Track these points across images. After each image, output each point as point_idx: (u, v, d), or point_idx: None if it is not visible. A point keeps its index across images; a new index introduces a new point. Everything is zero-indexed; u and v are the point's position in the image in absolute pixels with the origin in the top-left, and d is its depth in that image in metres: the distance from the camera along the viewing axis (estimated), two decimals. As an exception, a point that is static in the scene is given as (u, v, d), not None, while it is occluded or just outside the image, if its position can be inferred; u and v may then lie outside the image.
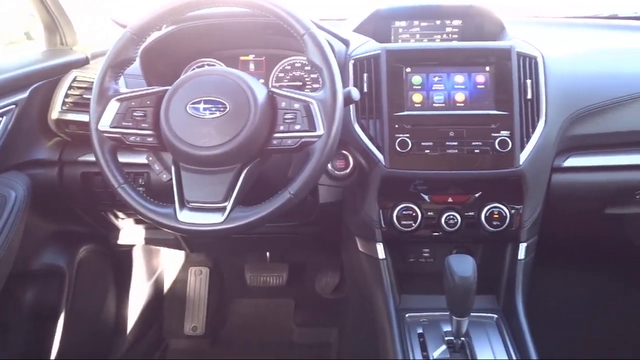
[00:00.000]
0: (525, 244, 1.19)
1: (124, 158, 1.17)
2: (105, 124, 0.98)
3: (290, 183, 0.94)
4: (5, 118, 1.19)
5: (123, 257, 1.86)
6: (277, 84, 1.37)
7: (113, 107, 0.99)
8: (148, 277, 2.00)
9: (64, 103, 1.27)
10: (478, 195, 1.17)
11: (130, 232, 1.61)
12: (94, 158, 1.00)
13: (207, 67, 1.36)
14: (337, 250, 1.60)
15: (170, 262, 2.13)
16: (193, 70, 1.05)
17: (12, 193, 1.19)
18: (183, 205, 0.96)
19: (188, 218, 0.95)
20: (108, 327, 1.80)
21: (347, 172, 1.18)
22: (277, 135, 0.96)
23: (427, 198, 1.17)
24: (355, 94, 1.02)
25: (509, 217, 1.15)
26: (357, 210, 1.22)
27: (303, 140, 0.94)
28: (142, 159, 1.22)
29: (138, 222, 1.53)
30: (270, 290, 2.09)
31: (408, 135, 1.12)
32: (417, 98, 1.15)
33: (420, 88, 1.15)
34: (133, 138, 0.98)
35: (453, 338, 1.08)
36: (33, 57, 1.35)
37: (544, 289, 1.55)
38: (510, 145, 1.10)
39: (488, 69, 1.15)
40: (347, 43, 1.24)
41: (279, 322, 2.08)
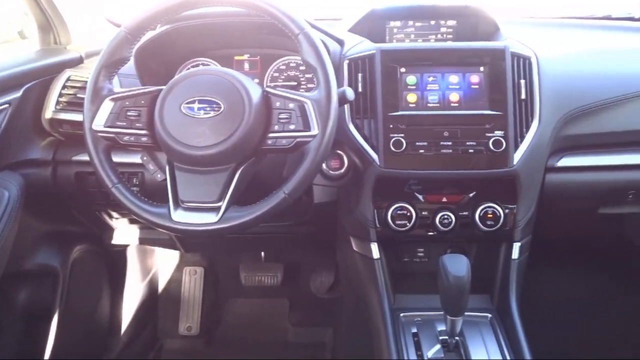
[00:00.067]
0: (519, 244, 1.19)
1: (118, 158, 1.17)
2: (99, 124, 0.98)
3: (285, 183, 0.94)
4: (-1, 117, 1.19)
5: (117, 257, 1.85)
6: (271, 84, 1.36)
7: (107, 106, 0.98)
8: (142, 277, 1.99)
9: (58, 102, 1.26)
10: (472, 195, 1.17)
11: (125, 232, 1.61)
12: (88, 158, 0.99)
13: (201, 66, 1.36)
14: (331, 250, 1.60)
15: (165, 262, 2.13)
16: (187, 70, 1.05)
17: (5, 193, 1.19)
18: (177, 205, 0.95)
19: (182, 218, 0.95)
20: (102, 327, 1.80)
21: (341, 172, 1.18)
22: (271, 135, 0.96)
23: (421, 198, 1.18)
24: (350, 94, 1.02)
25: (503, 216, 1.16)
26: (351, 210, 1.22)
27: (298, 140, 0.94)
28: (136, 159, 1.22)
29: (132, 222, 1.53)
30: (265, 290, 2.09)
31: (402, 135, 1.12)
32: (411, 98, 1.15)
33: (415, 88, 1.16)
34: (127, 138, 0.98)
35: (447, 337, 1.09)
36: (27, 56, 1.34)
37: (538, 289, 1.55)
38: (504, 145, 1.11)
39: (482, 69, 1.15)
40: (341, 43, 1.24)
41: (274, 321, 2.08)
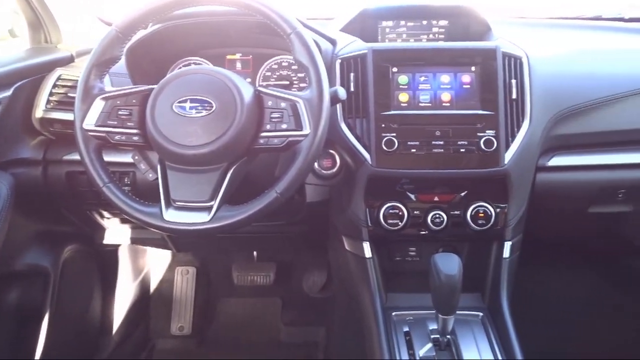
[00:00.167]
0: (510, 243, 1.20)
1: (110, 157, 1.16)
2: (90, 123, 0.98)
3: (277, 182, 0.94)
4: (-11, 116, 1.18)
5: (109, 257, 1.84)
6: (264, 83, 1.36)
7: (98, 105, 0.98)
8: (134, 277, 1.98)
9: (49, 101, 1.26)
10: (464, 195, 1.18)
11: (116, 231, 1.60)
12: (79, 157, 0.99)
13: (193, 65, 1.35)
14: (324, 249, 1.60)
15: (157, 261, 2.12)
16: (179, 69, 1.05)
17: (-5, 192, 1.18)
18: (169, 205, 0.95)
19: (174, 217, 0.95)
20: (94, 327, 1.79)
21: (333, 171, 1.19)
22: (263, 135, 0.95)
23: (413, 197, 1.18)
24: (342, 94, 1.02)
25: (494, 216, 1.16)
26: (343, 209, 1.22)
27: (290, 140, 0.94)
28: (127, 158, 1.21)
29: (124, 221, 1.52)
30: (258, 290, 2.09)
31: (394, 135, 1.13)
32: (403, 97, 1.16)
33: (407, 87, 1.16)
34: (118, 137, 0.97)
35: (439, 336, 1.09)
36: (17, 55, 1.33)
37: (530, 288, 1.56)
38: (496, 145, 1.11)
39: (474, 69, 1.16)
40: (334, 42, 1.24)
41: (267, 321, 2.08)
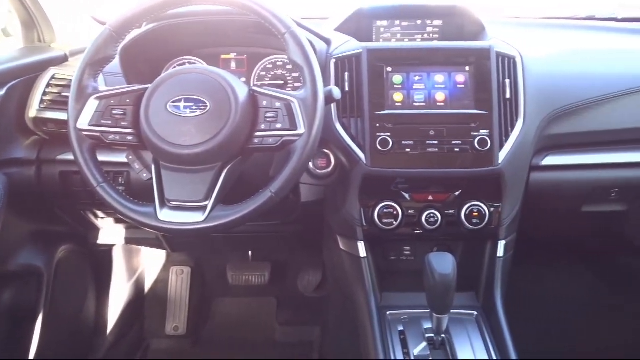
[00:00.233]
0: (504, 242, 1.20)
1: (104, 157, 1.16)
2: (84, 123, 0.97)
3: (272, 182, 0.94)
4: (-18, 116, 1.17)
5: (103, 257, 1.84)
6: (258, 83, 1.36)
7: (92, 105, 0.98)
8: (129, 277, 1.98)
9: (42, 101, 1.25)
10: (458, 194, 1.18)
11: (110, 231, 1.60)
12: (73, 157, 0.99)
13: (187, 65, 1.35)
14: (319, 249, 1.60)
15: (151, 261, 2.12)
16: (174, 69, 1.04)
17: (-12, 192, 1.17)
18: (163, 204, 0.95)
19: (169, 217, 0.94)
20: (88, 327, 1.78)
21: (328, 170, 1.19)
22: (258, 134, 0.95)
23: (407, 196, 1.18)
24: (337, 93, 1.02)
25: (488, 215, 1.17)
26: (338, 209, 1.23)
27: (284, 139, 0.94)
28: (121, 158, 1.21)
29: (118, 221, 1.52)
30: (253, 289, 2.09)
31: (389, 134, 1.13)
32: (397, 97, 1.16)
33: (401, 87, 1.16)
34: (112, 137, 0.97)
35: (433, 335, 1.09)
36: (10, 54, 1.32)
37: (524, 286, 1.57)
38: (490, 144, 1.12)
39: (468, 69, 1.16)
40: (328, 42, 1.24)
41: (262, 321, 2.08)
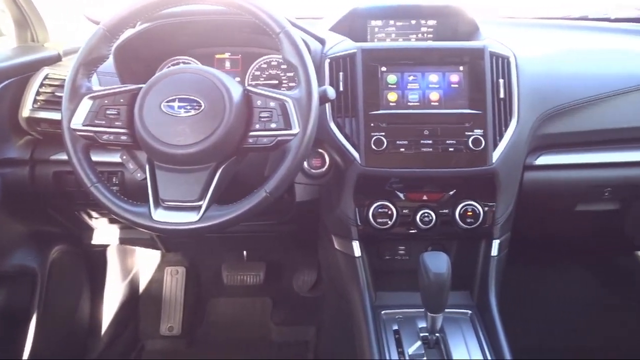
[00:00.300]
0: (498, 241, 1.21)
1: (98, 157, 1.15)
2: (78, 122, 0.97)
3: (266, 181, 0.94)
4: (-26, 116, 1.17)
5: (97, 257, 1.83)
6: (253, 83, 1.36)
7: (86, 105, 0.97)
8: (123, 277, 1.97)
9: (35, 101, 1.24)
10: (452, 193, 1.18)
11: (105, 231, 1.59)
12: (67, 157, 0.98)
13: (182, 64, 1.35)
14: (314, 249, 1.60)
15: (146, 262, 2.11)
16: (168, 68, 1.04)
17: (-19, 193, 1.17)
18: (158, 204, 0.95)
19: (163, 217, 0.94)
20: (82, 328, 1.78)
21: (323, 170, 1.19)
22: (252, 134, 0.96)
23: (402, 196, 1.19)
24: (331, 93, 1.03)
25: (483, 214, 1.17)
26: (333, 208, 1.23)
27: (279, 139, 0.94)
28: (115, 158, 1.21)
29: (112, 221, 1.51)
30: (248, 289, 2.09)
31: (383, 134, 1.13)
32: (392, 97, 1.16)
33: (396, 87, 1.16)
34: (106, 136, 0.97)
35: (428, 334, 1.10)
36: (3, 53, 1.32)
37: (519, 286, 1.58)
38: (484, 144, 1.12)
39: (462, 69, 1.16)
40: (323, 42, 1.24)
41: (257, 320, 2.07)
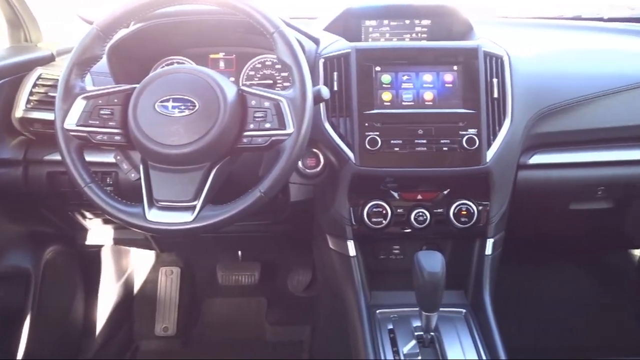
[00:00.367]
0: (493, 240, 1.21)
1: (91, 157, 1.15)
2: (72, 123, 0.97)
3: (261, 181, 0.94)
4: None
5: (91, 257, 1.82)
6: (247, 82, 1.36)
7: (79, 105, 0.97)
8: (117, 277, 1.97)
9: (29, 101, 1.24)
10: (446, 193, 1.19)
11: (99, 232, 1.59)
12: (60, 157, 0.98)
13: (176, 65, 1.35)
14: (308, 248, 1.60)
15: (140, 262, 2.11)
16: (162, 68, 1.04)
17: (-26, 193, 1.16)
18: (152, 205, 0.95)
19: (157, 217, 0.94)
20: (76, 329, 1.77)
21: (317, 170, 1.19)
22: (247, 134, 0.95)
23: (396, 195, 1.19)
24: (325, 93, 1.03)
25: (477, 213, 1.18)
26: (327, 208, 1.23)
27: (273, 139, 0.94)
28: (109, 158, 1.20)
29: (106, 222, 1.51)
30: (243, 289, 2.09)
31: (378, 134, 1.13)
32: (386, 96, 1.16)
33: (390, 87, 1.17)
34: (100, 137, 0.97)
35: (422, 333, 1.10)
36: (-4, 53, 1.31)
37: (514, 285, 1.58)
38: (478, 143, 1.12)
39: (456, 68, 1.17)
40: (317, 42, 1.24)
41: (252, 320, 2.07)
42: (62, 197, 1.33)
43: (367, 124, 1.14)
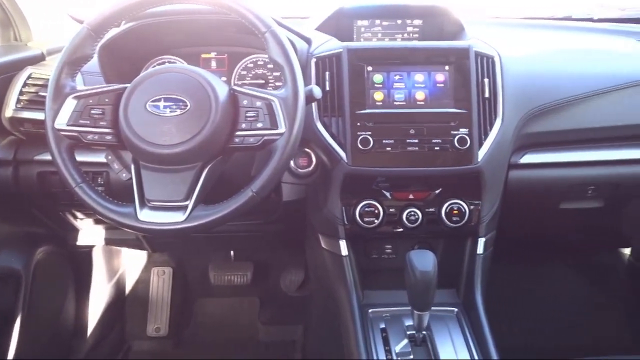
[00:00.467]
0: (484, 239, 1.22)
1: (82, 157, 1.15)
2: (62, 122, 0.96)
3: (253, 181, 0.94)
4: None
5: (82, 258, 1.81)
6: (239, 82, 1.36)
7: (70, 104, 0.97)
8: (109, 278, 1.96)
9: (19, 101, 1.23)
10: (438, 192, 1.19)
11: (90, 232, 1.58)
12: (51, 157, 0.97)
13: (167, 64, 1.34)
14: (301, 248, 1.60)
15: (132, 262, 2.10)
16: (153, 68, 1.04)
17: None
18: (143, 205, 0.94)
19: (149, 217, 0.94)
20: (68, 329, 1.76)
21: (309, 169, 1.19)
22: (239, 134, 0.95)
23: (388, 195, 1.19)
24: (317, 92, 1.03)
25: (468, 212, 1.18)
26: (320, 208, 1.23)
27: (265, 139, 0.94)
28: (100, 158, 1.19)
29: (98, 222, 1.50)
30: (235, 289, 2.08)
31: (370, 133, 1.13)
32: (378, 96, 1.16)
33: (382, 86, 1.17)
34: (91, 136, 0.96)
35: (415, 332, 1.10)
36: (-15, 53, 1.30)
37: (505, 284, 1.59)
38: (469, 143, 1.13)
39: (447, 68, 1.17)
40: (309, 41, 1.24)
41: (244, 320, 2.07)
42: (52, 197, 1.32)
43: (359, 124, 1.14)
